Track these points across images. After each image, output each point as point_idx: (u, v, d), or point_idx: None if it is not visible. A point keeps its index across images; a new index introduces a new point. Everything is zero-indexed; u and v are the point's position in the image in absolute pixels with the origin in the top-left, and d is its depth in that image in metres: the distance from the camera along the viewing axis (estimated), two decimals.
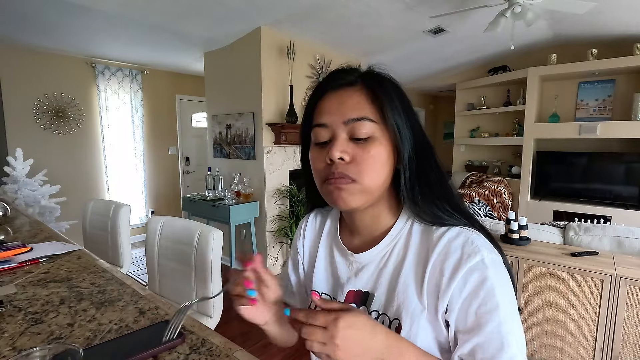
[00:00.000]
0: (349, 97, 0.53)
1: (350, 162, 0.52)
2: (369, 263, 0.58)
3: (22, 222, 1.61)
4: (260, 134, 3.15)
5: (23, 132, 3.45)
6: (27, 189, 2.97)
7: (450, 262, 0.49)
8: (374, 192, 0.54)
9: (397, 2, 2.71)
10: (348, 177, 0.52)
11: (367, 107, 0.52)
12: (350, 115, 0.52)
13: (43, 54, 3.52)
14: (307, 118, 0.58)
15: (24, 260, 1.01)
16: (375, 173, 0.52)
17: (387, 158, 0.53)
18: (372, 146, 0.52)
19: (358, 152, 0.52)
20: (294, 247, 0.73)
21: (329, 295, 0.63)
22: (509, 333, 0.45)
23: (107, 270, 0.99)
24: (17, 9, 2.50)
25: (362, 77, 0.55)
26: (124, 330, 0.66)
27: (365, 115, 0.52)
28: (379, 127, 0.52)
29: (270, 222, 3.29)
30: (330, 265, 0.65)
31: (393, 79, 0.57)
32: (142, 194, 4.44)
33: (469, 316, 0.47)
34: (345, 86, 0.54)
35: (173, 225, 1.41)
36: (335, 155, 0.51)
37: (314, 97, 0.57)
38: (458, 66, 4.89)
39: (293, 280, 0.73)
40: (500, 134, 5.05)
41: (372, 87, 0.53)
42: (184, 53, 3.70)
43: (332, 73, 0.57)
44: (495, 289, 0.47)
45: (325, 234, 0.68)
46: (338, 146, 0.52)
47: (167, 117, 4.65)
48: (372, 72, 0.57)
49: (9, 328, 0.66)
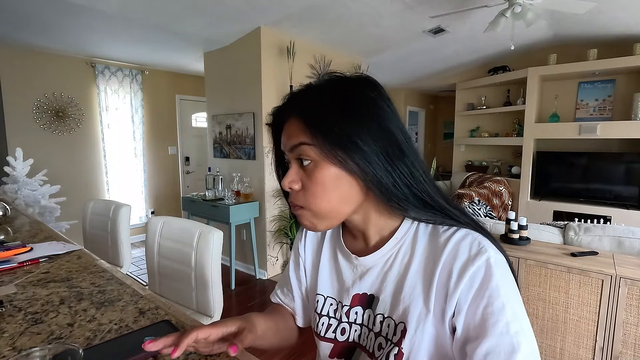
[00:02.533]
0: (288, 127, 0.54)
1: (299, 190, 0.53)
2: (374, 266, 0.57)
3: (22, 222, 1.61)
4: (260, 134, 3.15)
5: (23, 132, 3.45)
6: (27, 189, 2.98)
7: (458, 264, 0.48)
8: (330, 214, 0.53)
9: (397, 2, 2.71)
10: (298, 205, 0.54)
11: (302, 131, 0.51)
12: (289, 143, 0.52)
13: (43, 54, 3.52)
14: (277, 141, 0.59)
15: (24, 260, 1.01)
16: (321, 198, 0.51)
17: (337, 178, 0.51)
18: (315, 171, 0.51)
19: (305, 180, 0.52)
20: (295, 249, 0.72)
21: (335, 299, 0.62)
22: (517, 333, 0.44)
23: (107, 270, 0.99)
24: (17, 9, 2.50)
25: (297, 101, 0.54)
26: (124, 330, 0.66)
27: (300, 141, 0.51)
28: (320, 150, 0.50)
29: (270, 222, 3.29)
30: (334, 268, 0.64)
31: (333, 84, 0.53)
32: (142, 194, 4.44)
33: (476, 317, 0.46)
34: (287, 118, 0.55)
35: (173, 225, 1.41)
36: (285, 186, 0.53)
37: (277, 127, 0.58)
38: (458, 66, 4.89)
39: (294, 283, 0.71)
40: (500, 134, 5.05)
41: (303, 109, 0.52)
42: (184, 53, 3.70)
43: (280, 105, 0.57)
44: (501, 290, 0.46)
45: (328, 237, 0.67)
46: (287, 177, 0.53)
47: (167, 117, 4.65)
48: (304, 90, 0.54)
49: (9, 328, 0.66)
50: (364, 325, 0.57)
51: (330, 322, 0.61)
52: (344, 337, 0.59)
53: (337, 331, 0.59)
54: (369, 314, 0.56)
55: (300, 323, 0.72)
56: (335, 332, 0.60)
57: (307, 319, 0.72)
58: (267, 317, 0.65)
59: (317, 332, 0.62)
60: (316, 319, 0.63)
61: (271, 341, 0.64)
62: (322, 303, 0.63)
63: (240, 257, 3.54)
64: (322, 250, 0.67)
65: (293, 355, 2.14)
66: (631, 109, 3.75)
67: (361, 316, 0.57)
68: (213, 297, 1.26)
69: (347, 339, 0.58)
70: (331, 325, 0.60)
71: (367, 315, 0.56)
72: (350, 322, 0.58)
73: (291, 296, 0.72)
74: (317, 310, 0.63)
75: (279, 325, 0.68)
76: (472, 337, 0.45)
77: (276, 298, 0.74)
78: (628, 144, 3.90)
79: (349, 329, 0.58)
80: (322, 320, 0.62)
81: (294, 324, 0.72)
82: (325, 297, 0.63)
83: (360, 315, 0.57)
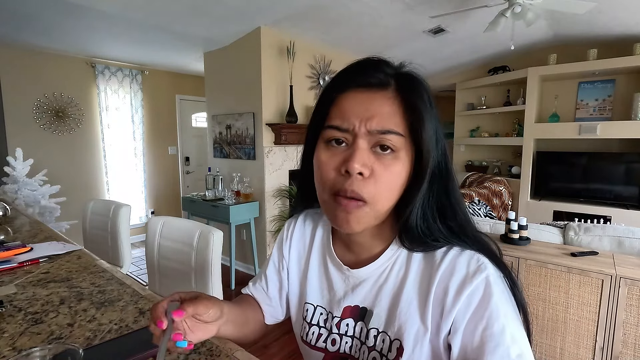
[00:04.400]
0: (379, 104, 0.46)
1: (368, 178, 0.45)
2: (367, 278, 0.54)
3: (22, 222, 1.61)
4: (260, 134, 3.15)
5: (23, 132, 3.45)
6: (27, 189, 2.97)
7: (455, 281, 0.46)
8: (384, 214, 0.49)
9: (397, 2, 2.71)
10: (361, 198, 0.46)
11: (398, 118, 0.46)
12: (377, 125, 0.45)
13: (43, 54, 3.52)
14: (321, 112, 0.50)
15: (24, 260, 1.01)
16: (392, 194, 0.47)
17: (406, 178, 0.48)
18: (396, 163, 0.46)
19: (379, 168, 0.46)
20: (279, 250, 0.69)
21: (325, 309, 0.60)
22: (519, 356, 0.41)
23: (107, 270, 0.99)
24: (17, 9, 2.50)
25: (397, 79, 0.48)
26: (124, 330, 0.66)
27: (394, 129, 0.45)
28: (405, 142, 0.46)
29: (270, 222, 3.29)
30: (324, 277, 0.61)
31: (427, 86, 0.49)
32: (142, 194, 4.44)
33: (475, 339, 0.43)
34: (375, 87, 0.47)
35: (173, 225, 1.41)
36: (355, 169, 0.44)
37: (334, 89, 0.49)
38: (458, 66, 4.89)
39: (272, 283, 0.68)
40: (500, 134, 5.05)
41: (408, 96, 0.47)
42: (184, 53, 3.70)
43: (359, 65, 0.49)
44: (500, 310, 0.44)
45: (317, 244, 0.64)
46: (359, 158, 0.44)
47: (167, 117, 4.65)
48: (409, 75, 0.49)
49: (9, 328, 0.66)
50: (356, 338, 0.55)
51: (321, 331, 0.59)
52: (335, 347, 0.57)
53: (327, 341, 0.58)
54: (361, 327, 0.54)
55: (270, 322, 0.70)
56: (325, 342, 0.58)
57: (274, 318, 0.70)
58: (237, 306, 0.63)
59: (306, 341, 0.60)
60: (305, 327, 0.61)
61: (239, 330, 0.61)
62: (312, 312, 0.61)
63: (240, 257, 3.54)
64: (310, 257, 0.64)
65: (293, 356, 2.14)
66: (631, 109, 3.75)
67: (352, 328, 0.56)
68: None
69: (338, 350, 0.57)
70: (322, 335, 0.59)
71: (360, 328, 0.55)
72: (340, 334, 0.57)
73: (265, 294, 0.69)
74: (307, 319, 0.61)
75: (248, 316, 0.65)
76: (471, 359, 0.43)
77: (248, 291, 0.71)
78: (628, 144, 3.90)
79: (340, 341, 0.57)
80: (312, 330, 0.60)
81: (261, 316, 0.69)
82: (315, 307, 0.61)
83: (352, 328, 0.56)
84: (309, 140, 0.54)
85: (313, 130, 0.52)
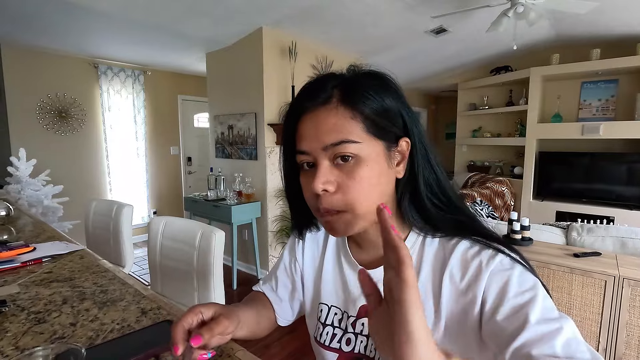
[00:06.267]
0: (324, 119, 0.47)
1: (336, 192, 0.47)
2: (382, 278, 0.56)
3: (25, 222, 1.61)
4: (262, 134, 3.16)
5: (26, 132, 3.46)
6: (30, 189, 2.99)
7: (471, 270, 0.47)
8: (370, 215, 0.49)
9: (398, 1, 2.71)
10: (335, 209, 0.48)
11: (347, 126, 0.46)
12: (326, 140, 0.46)
13: (46, 55, 3.53)
14: (288, 140, 0.52)
15: (26, 260, 1.01)
16: (365, 197, 0.47)
17: (380, 175, 0.48)
18: (358, 169, 0.47)
19: (343, 179, 0.47)
20: (292, 253, 0.69)
21: (340, 309, 0.60)
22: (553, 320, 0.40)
23: (109, 270, 0.99)
24: (20, 10, 2.51)
25: (338, 88, 0.48)
26: (126, 330, 0.66)
27: (343, 138, 0.46)
28: (364, 145, 0.47)
29: (272, 222, 3.29)
30: (339, 278, 0.61)
31: (380, 75, 0.50)
32: (144, 194, 4.45)
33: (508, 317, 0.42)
34: (319, 105, 0.48)
35: (175, 225, 1.42)
36: (317, 189, 0.46)
37: (292, 119, 0.51)
38: (460, 66, 4.88)
39: (282, 285, 0.69)
40: (502, 134, 5.04)
41: (350, 100, 0.47)
42: (186, 53, 3.71)
43: (304, 89, 0.51)
44: (525, 283, 0.44)
45: (331, 245, 0.65)
46: (320, 177, 0.46)
47: (169, 117, 4.66)
48: (352, 77, 0.50)
49: (12, 327, 0.67)
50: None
51: (335, 331, 0.59)
52: (349, 347, 0.57)
53: (342, 341, 0.58)
54: None
55: (281, 323, 0.70)
56: (340, 342, 0.58)
57: (289, 321, 0.71)
58: (250, 306, 0.63)
59: (320, 342, 0.61)
60: (319, 328, 0.62)
61: (251, 331, 0.61)
62: (326, 312, 0.61)
63: (242, 257, 3.54)
64: (324, 258, 0.64)
65: (294, 356, 2.14)
66: (634, 109, 3.74)
67: (368, 327, 0.56)
68: (215, 297, 1.26)
69: (353, 349, 0.57)
70: (336, 335, 0.59)
71: None
72: (356, 333, 0.57)
73: (275, 294, 0.70)
74: (321, 319, 0.62)
75: (260, 314, 0.66)
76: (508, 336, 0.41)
77: (260, 288, 0.71)
78: (631, 144, 3.89)
79: (355, 340, 0.57)
80: (326, 330, 0.60)
81: (273, 315, 0.70)
82: (329, 307, 0.61)
83: (367, 327, 0.55)
84: (286, 162, 0.55)
85: (288, 153, 0.54)
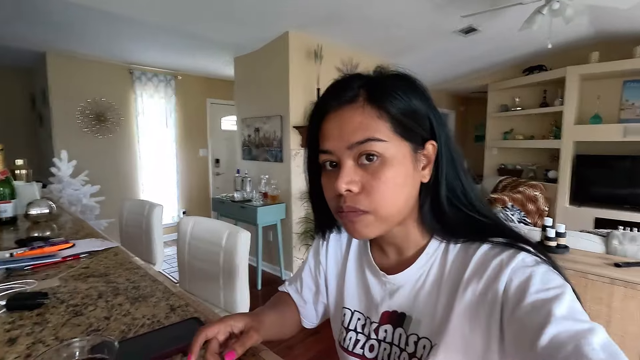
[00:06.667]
0: (349, 117, 0.47)
1: (360, 193, 0.46)
2: (405, 284, 0.54)
3: (65, 219, 1.71)
4: (287, 136, 3.19)
5: (68, 135, 3.68)
6: (70, 188, 3.17)
7: (490, 270, 0.45)
8: (393, 218, 0.49)
9: (426, 2, 2.66)
10: (358, 210, 0.47)
11: (373, 124, 0.46)
12: (352, 139, 0.46)
13: (87, 62, 3.75)
14: (312, 140, 0.52)
15: (66, 256, 1.07)
16: (390, 199, 0.46)
17: (406, 177, 0.47)
18: (384, 170, 0.46)
19: (367, 179, 0.46)
20: (316, 256, 0.70)
21: (362, 314, 0.60)
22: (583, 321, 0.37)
23: (141, 267, 1.03)
24: (64, 19, 2.68)
25: (365, 87, 0.48)
26: (155, 325, 0.69)
27: (369, 136, 0.45)
28: (391, 144, 0.46)
29: (296, 224, 3.31)
30: (362, 282, 0.61)
31: (407, 77, 0.49)
32: (174, 194, 4.61)
33: (528, 313, 0.39)
34: (345, 104, 0.47)
35: (203, 225, 1.45)
36: (340, 188, 0.46)
37: (316, 119, 0.51)
38: (490, 66, 4.73)
39: (307, 287, 0.70)
40: (535, 137, 4.82)
41: (376, 99, 0.46)
42: (215, 58, 3.82)
43: (330, 88, 0.51)
44: (550, 281, 0.41)
45: (354, 249, 0.64)
46: (343, 177, 0.46)
47: (198, 120, 4.81)
48: (376, 79, 0.49)
49: (53, 319, 0.71)
50: (394, 345, 0.54)
51: (358, 337, 0.59)
52: (373, 354, 0.57)
53: (365, 347, 0.58)
54: (400, 333, 0.53)
55: (306, 325, 0.71)
56: (363, 348, 0.58)
57: (314, 324, 0.72)
58: (275, 310, 0.65)
59: (344, 347, 0.60)
60: (343, 332, 0.61)
61: (277, 333, 0.63)
62: (350, 317, 0.61)
63: (267, 258, 3.58)
64: (347, 261, 0.64)
65: (317, 357, 2.13)
66: None
67: (391, 334, 0.55)
68: (240, 296, 1.28)
69: (376, 357, 0.56)
70: (359, 340, 0.59)
71: (398, 334, 0.54)
72: (379, 340, 0.56)
73: (300, 296, 0.71)
74: (345, 324, 0.61)
75: (285, 317, 0.67)
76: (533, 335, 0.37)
77: (285, 289, 0.73)
78: None
79: (378, 347, 0.56)
80: (349, 335, 0.60)
81: (298, 316, 0.71)
82: (352, 311, 0.61)
83: (390, 334, 0.55)
84: (310, 162, 0.55)
85: (311, 153, 0.54)
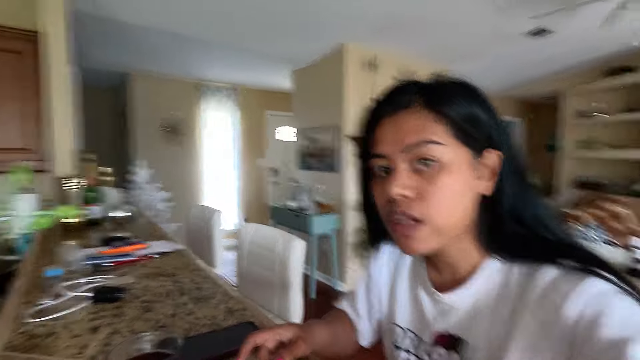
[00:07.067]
0: (405, 120, 0.45)
1: (415, 199, 0.44)
2: (459, 305, 0.50)
3: (142, 222, 1.89)
4: (342, 147, 3.21)
5: (145, 146, 4.12)
6: (146, 194, 3.52)
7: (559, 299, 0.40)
8: (450, 230, 0.45)
9: (487, 5, 2.53)
10: (413, 217, 0.44)
11: (429, 127, 0.44)
12: (406, 140, 0.44)
13: (162, 80, 4.19)
14: (365, 146, 0.51)
15: (141, 255, 1.19)
16: (447, 208, 0.44)
17: (464, 185, 0.44)
18: (441, 175, 0.43)
19: (423, 185, 0.44)
20: (369, 268, 0.69)
21: (414, 333, 0.57)
22: None
23: (204, 269, 1.10)
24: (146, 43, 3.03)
25: (421, 93, 0.46)
26: (214, 326, 0.73)
27: (425, 139, 0.43)
28: (449, 149, 0.43)
29: (351, 234, 3.29)
30: (414, 300, 0.59)
31: (466, 83, 0.47)
32: (235, 202, 4.88)
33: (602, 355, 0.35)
34: (400, 109, 0.46)
35: (261, 232, 1.51)
36: (393, 192, 0.44)
37: (369, 124, 0.50)
38: (564, 70, 4.33)
39: (362, 303, 0.69)
40: (620, 146, 4.28)
41: (434, 103, 0.44)
42: (274, 71, 4.03)
43: (386, 94, 0.49)
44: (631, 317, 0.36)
45: (408, 263, 0.63)
46: (397, 180, 0.44)
47: (257, 131, 5.07)
48: (434, 84, 0.47)
49: (129, 312, 0.78)
50: None
51: (410, 357, 0.57)
52: None
53: None
54: (455, 358, 0.50)
55: (363, 343, 0.70)
56: None
57: (369, 340, 0.70)
58: (328, 325, 0.64)
59: None
60: (392, 350, 0.60)
61: (328, 349, 0.62)
62: (401, 335, 0.59)
63: (321, 268, 3.61)
64: (399, 275, 0.63)
65: None
66: None
67: (446, 358, 0.52)
68: (293, 304, 1.30)
69: None
70: None
71: (454, 359, 0.51)
72: None
73: (355, 312, 0.70)
74: (396, 342, 0.60)
75: (337, 331, 0.66)
76: None
77: (341, 306, 0.72)
78: None
79: None
80: (401, 355, 0.58)
81: (353, 335, 0.69)
82: (404, 330, 0.59)
83: (445, 357, 0.52)
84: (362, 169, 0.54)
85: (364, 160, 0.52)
